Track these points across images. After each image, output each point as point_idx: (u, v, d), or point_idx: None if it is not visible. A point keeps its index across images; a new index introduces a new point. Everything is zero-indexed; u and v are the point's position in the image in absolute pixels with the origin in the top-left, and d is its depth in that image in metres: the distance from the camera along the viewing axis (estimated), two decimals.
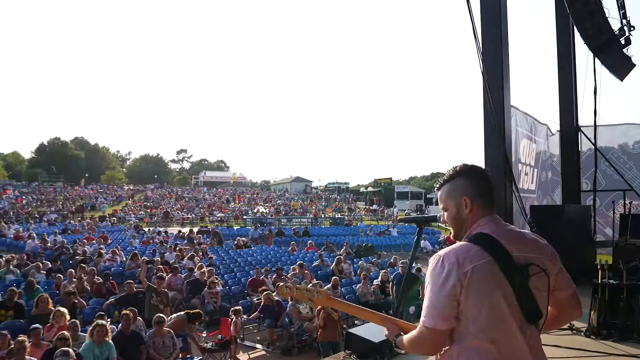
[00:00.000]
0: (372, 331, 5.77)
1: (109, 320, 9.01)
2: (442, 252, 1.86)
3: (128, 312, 7.79)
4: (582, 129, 12.45)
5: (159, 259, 15.74)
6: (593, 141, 12.09)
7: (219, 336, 9.30)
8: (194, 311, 9.00)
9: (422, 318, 1.85)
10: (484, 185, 2.04)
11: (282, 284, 2.39)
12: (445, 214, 2.08)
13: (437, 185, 2.13)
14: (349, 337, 5.61)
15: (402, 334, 2.05)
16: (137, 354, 7.46)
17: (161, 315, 8.09)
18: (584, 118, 11.99)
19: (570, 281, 2.02)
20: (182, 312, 9.00)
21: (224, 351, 8.94)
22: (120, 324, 7.77)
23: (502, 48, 8.14)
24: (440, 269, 1.81)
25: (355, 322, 11.80)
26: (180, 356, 7.99)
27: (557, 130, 12.54)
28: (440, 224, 37.53)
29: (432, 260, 1.86)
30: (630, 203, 9.58)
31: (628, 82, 11.23)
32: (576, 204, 11.88)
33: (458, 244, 1.89)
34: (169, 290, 12.39)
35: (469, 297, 1.77)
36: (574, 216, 10.28)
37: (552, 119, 13.29)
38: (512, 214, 9.32)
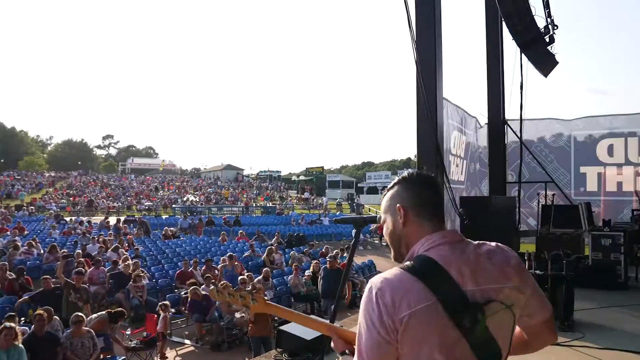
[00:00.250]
0: (304, 328, 5.61)
1: (22, 320, 8.36)
2: (376, 281, 1.48)
3: (41, 311, 7.18)
4: (508, 122, 12.85)
5: (80, 251, 14.86)
6: (518, 134, 12.53)
7: (144, 333, 8.85)
8: (116, 310, 8.50)
9: (356, 355, 1.52)
10: (425, 193, 1.64)
11: (213, 287, 2.10)
12: (384, 229, 1.73)
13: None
14: (281, 335, 5.42)
15: (347, 352, 1.76)
16: (53, 357, 6.92)
17: (79, 314, 7.53)
18: (511, 112, 12.37)
19: (544, 305, 1.66)
20: (104, 312, 8.48)
21: (149, 349, 8.52)
22: (33, 325, 7.18)
23: (436, 39, 8.17)
24: (372, 307, 1.45)
25: None
26: (101, 357, 7.51)
27: (486, 123, 12.86)
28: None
29: (366, 289, 1.50)
30: (553, 195, 9.95)
31: (551, 79, 11.68)
32: (502, 195, 12.28)
33: (397, 273, 1.48)
34: (90, 284, 11.76)
35: (405, 347, 1.45)
36: (501, 207, 10.58)
37: (480, 111, 13.63)
38: (444, 205, 9.44)
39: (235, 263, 13.93)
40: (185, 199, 48.29)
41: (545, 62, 11.30)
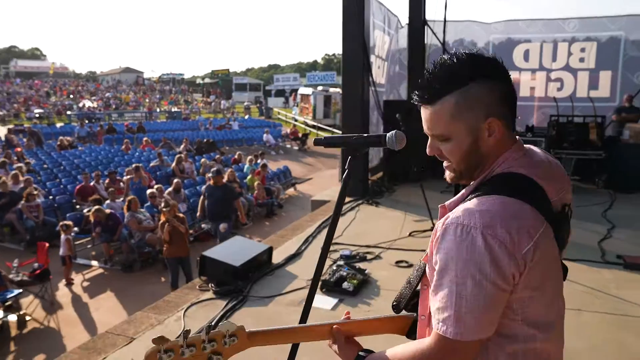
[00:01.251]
0: (232, 251, 5.06)
1: None
2: (469, 219, 1.08)
3: None
4: (428, 23, 12.36)
5: None
6: (438, 36, 12.12)
7: (35, 264, 7.69)
8: None
9: (440, 325, 1.11)
10: (512, 92, 1.23)
11: (154, 348, 1.17)
12: (445, 145, 1.23)
13: (425, 94, 1.21)
14: (204, 262, 4.82)
15: (362, 354, 1.29)
16: None
17: None
18: (432, 13, 11.87)
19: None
20: None
21: (41, 283, 7.40)
22: None
23: None
24: (481, 253, 1.05)
25: (203, 227, 11.03)
26: None
27: (406, 24, 12.28)
28: (290, 120, 37.25)
29: (451, 233, 1.09)
30: None
31: None
32: None
33: (493, 201, 1.11)
34: None
35: (526, 289, 1.12)
36: None
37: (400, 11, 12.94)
38: (369, 108, 9.01)
39: (143, 174, 12.93)
40: (81, 105, 44.69)
41: None
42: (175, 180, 11.91)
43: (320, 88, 38.09)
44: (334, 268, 4.85)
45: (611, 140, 9.67)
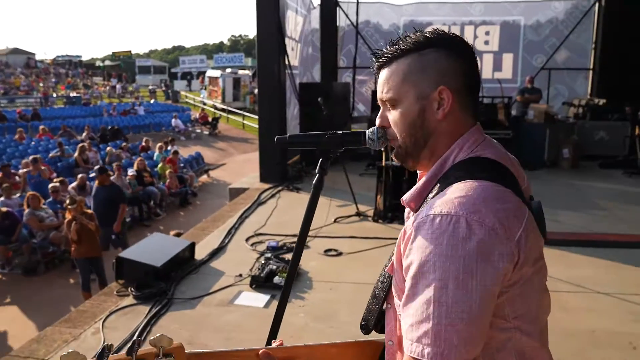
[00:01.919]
0: (150, 250, 4.73)
1: None
2: (450, 207, 0.93)
3: None
4: (340, 4, 12.35)
5: None
6: (350, 17, 12.14)
7: None
8: None
9: (414, 346, 0.92)
10: (475, 70, 1.12)
11: None
12: (392, 113, 1.12)
13: (383, 58, 1.13)
14: (121, 264, 4.45)
15: None
16: None
17: None
18: None
19: None
20: None
21: None
22: None
23: None
24: (465, 242, 0.90)
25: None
26: None
27: (319, 4, 12.15)
28: (198, 104, 36.02)
29: (430, 224, 0.93)
30: None
31: None
32: (334, 81, 12.04)
33: (475, 186, 0.97)
34: None
35: (516, 286, 0.97)
36: (338, 93, 10.31)
37: None
38: (285, 91, 8.82)
39: (42, 167, 11.91)
40: None
41: None
42: (80, 176, 11.02)
43: (228, 70, 37.22)
44: (262, 262, 4.66)
45: (517, 120, 10.13)
